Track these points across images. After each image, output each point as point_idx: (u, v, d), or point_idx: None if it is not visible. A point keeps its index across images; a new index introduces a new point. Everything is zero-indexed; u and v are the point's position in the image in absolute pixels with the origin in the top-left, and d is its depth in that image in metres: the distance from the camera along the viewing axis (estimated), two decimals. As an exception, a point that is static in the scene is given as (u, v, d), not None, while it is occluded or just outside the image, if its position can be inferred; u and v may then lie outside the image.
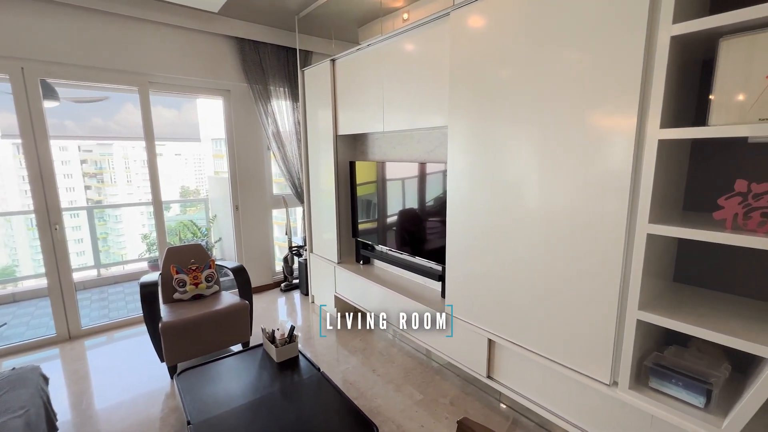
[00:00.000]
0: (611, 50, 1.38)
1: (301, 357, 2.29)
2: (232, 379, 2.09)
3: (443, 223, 2.30)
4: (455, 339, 2.22)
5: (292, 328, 2.31)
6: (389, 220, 2.88)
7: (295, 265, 4.28)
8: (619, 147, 1.39)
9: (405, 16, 3.14)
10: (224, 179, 5.72)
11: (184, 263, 2.95)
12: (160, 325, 2.46)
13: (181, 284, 2.86)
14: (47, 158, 2.88)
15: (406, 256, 2.84)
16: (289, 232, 4.18)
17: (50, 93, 3.23)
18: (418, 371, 2.57)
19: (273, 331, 2.33)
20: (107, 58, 2.99)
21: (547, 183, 1.64)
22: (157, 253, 4.81)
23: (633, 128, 1.35)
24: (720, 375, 1.36)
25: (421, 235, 2.62)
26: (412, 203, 2.65)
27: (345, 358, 2.77)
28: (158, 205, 3.43)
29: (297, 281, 4.26)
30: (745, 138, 1.24)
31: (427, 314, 2.39)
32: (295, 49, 3.83)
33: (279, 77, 3.80)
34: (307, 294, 3.98)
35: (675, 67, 1.30)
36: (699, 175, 1.56)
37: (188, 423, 1.73)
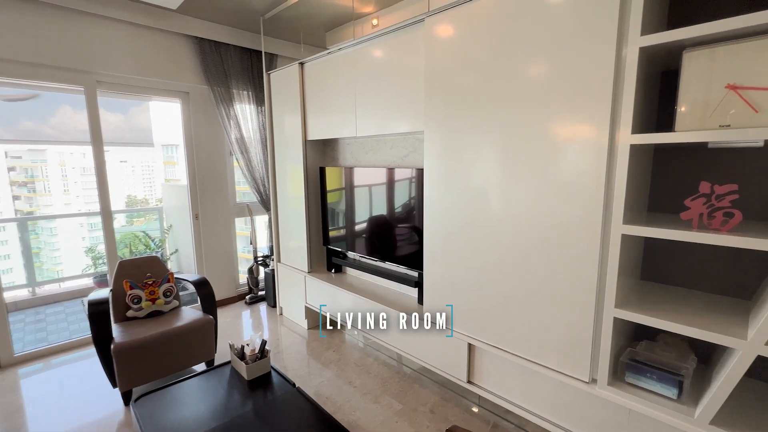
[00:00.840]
0: (584, 61, 1.44)
1: (273, 373, 2.16)
2: (199, 401, 1.92)
3: (418, 229, 2.29)
4: (435, 345, 2.20)
5: (264, 343, 2.18)
6: (362, 226, 2.83)
7: (261, 276, 4.10)
8: (593, 152, 1.45)
9: (374, 22, 3.14)
10: (181, 187, 5.40)
11: (139, 277, 2.71)
12: (112, 346, 2.22)
13: (135, 300, 2.62)
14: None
15: (380, 263, 2.80)
16: (254, 242, 4.00)
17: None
18: (395, 380, 2.52)
19: (242, 347, 2.18)
20: (49, 54, 2.71)
21: (523, 188, 1.67)
22: (105, 268, 4.42)
23: (606, 134, 1.41)
24: (689, 367, 1.44)
25: (395, 242, 2.59)
26: (386, 209, 2.62)
27: (318, 372, 2.66)
28: (107, 216, 3.14)
29: (263, 293, 4.07)
30: (706, 143, 1.33)
31: (405, 320, 2.35)
32: (260, 51, 3.71)
33: (242, 80, 3.65)
34: (274, 306, 3.81)
35: (641, 76, 1.38)
36: (661, 179, 1.66)
37: (150, 455, 1.56)
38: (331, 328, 3.36)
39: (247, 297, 3.99)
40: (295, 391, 1.98)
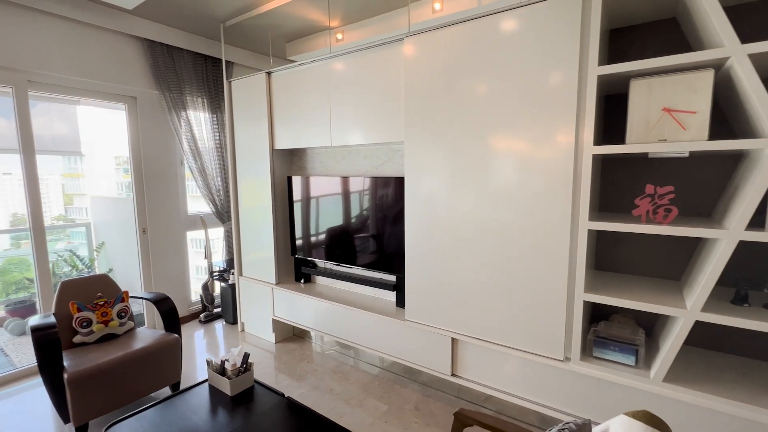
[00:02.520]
0: (553, 84, 1.70)
1: (257, 386, 2.09)
2: (179, 425, 1.79)
3: (397, 234, 2.41)
4: (419, 344, 2.31)
5: (246, 356, 2.11)
6: (334, 234, 2.86)
7: (216, 292, 3.87)
8: (562, 161, 1.70)
9: (339, 36, 3.24)
10: (114, 200, 4.90)
11: (87, 299, 2.44)
12: (66, 376, 1.98)
13: (84, 324, 2.35)
14: None
15: (355, 270, 2.85)
16: (209, 256, 3.78)
17: None
18: (376, 384, 2.57)
19: (222, 362, 2.08)
20: (-31, 47, 2.37)
21: (501, 194, 1.89)
22: (19, 295, 3.85)
23: (572, 146, 1.67)
24: (640, 338, 1.74)
25: (372, 248, 2.67)
26: (360, 217, 2.70)
27: (296, 384, 2.61)
28: (39, 232, 2.77)
29: (218, 310, 3.84)
30: (647, 153, 1.65)
31: (386, 324, 2.44)
32: (215, 57, 3.60)
33: (196, 86, 3.50)
34: (233, 323, 3.63)
35: (597, 98, 1.67)
36: (608, 184, 1.99)
37: (142, 484, 1.44)
38: (300, 340, 3.30)
39: (202, 315, 3.74)
40: (286, 401, 1.94)
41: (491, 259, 1.95)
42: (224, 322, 3.72)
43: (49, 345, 2.00)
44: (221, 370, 2.07)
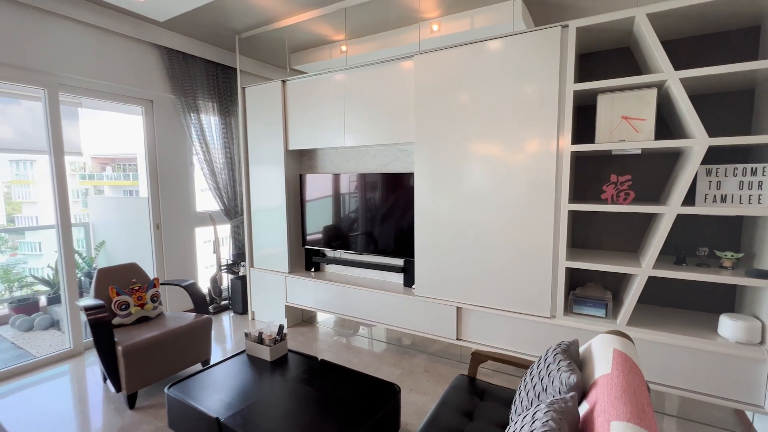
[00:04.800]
0: (539, 93, 2.15)
1: (291, 354, 2.40)
2: (233, 381, 2.07)
3: (403, 223, 2.79)
4: (428, 315, 2.68)
5: (281, 327, 2.41)
6: (345, 225, 3.20)
7: (224, 285, 4.09)
8: (547, 156, 2.15)
9: (343, 48, 3.61)
10: (116, 199, 5.00)
11: (124, 284, 2.65)
12: (120, 348, 2.20)
13: (123, 307, 2.56)
14: None
15: (363, 257, 3.20)
16: (217, 251, 4.00)
17: None
18: (387, 355, 2.93)
19: (260, 333, 2.38)
20: (10, 53, 2.55)
21: (497, 184, 2.32)
22: (20, 293, 3.91)
23: (555, 144, 2.13)
24: (608, 297, 2.21)
25: (380, 236, 3.03)
26: (370, 208, 3.05)
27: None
28: (66, 228, 2.94)
29: (226, 302, 4.06)
30: (610, 151, 2.13)
31: (396, 300, 2.80)
32: (223, 65, 3.87)
33: (207, 92, 3.75)
34: (242, 313, 3.86)
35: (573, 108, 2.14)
36: (578, 176, 2.47)
37: (218, 420, 1.72)
38: (310, 324, 3.60)
39: (210, 307, 3.94)
40: (320, 362, 2.26)
41: (489, 239, 2.38)
42: (233, 313, 3.94)
43: (102, 322, 2.22)
44: (259, 340, 2.36)
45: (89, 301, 2.34)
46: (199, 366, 2.72)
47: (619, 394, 1.07)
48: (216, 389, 1.99)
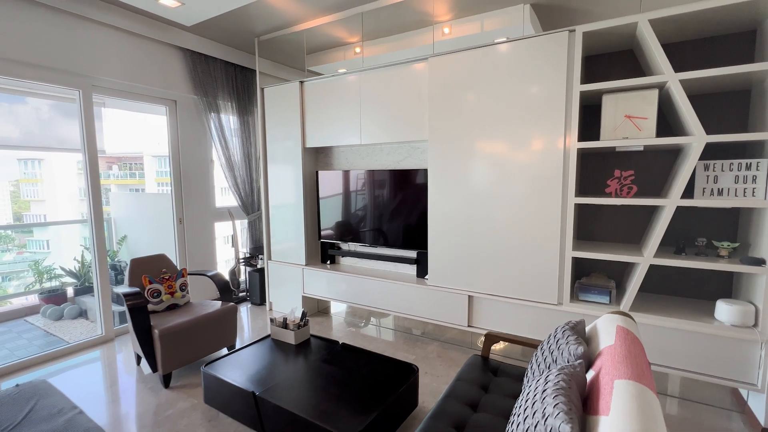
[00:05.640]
0: (548, 94, 2.29)
1: (313, 338, 2.56)
2: (262, 362, 2.24)
3: (417, 217, 2.94)
4: (440, 304, 2.84)
5: (304, 313, 2.57)
6: (359, 220, 3.36)
7: (242, 278, 4.26)
8: (556, 153, 2.30)
9: (357, 50, 3.76)
10: (137, 195, 5.20)
11: (155, 273, 2.82)
12: (156, 332, 2.38)
13: (155, 294, 2.73)
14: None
15: (378, 249, 3.36)
16: (235, 244, 4.17)
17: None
18: (401, 342, 3.08)
19: (284, 319, 2.54)
20: (47, 56, 2.72)
21: (507, 178, 2.46)
22: (49, 284, 4.10)
23: (562, 142, 2.27)
24: (612, 285, 2.35)
25: (394, 230, 3.18)
26: (384, 203, 3.21)
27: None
28: (99, 223, 3.12)
29: (243, 294, 4.23)
30: (614, 148, 2.27)
31: (413, 289, 2.96)
32: (242, 66, 4.03)
33: (227, 92, 3.92)
34: (260, 304, 4.03)
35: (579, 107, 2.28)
36: (584, 171, 2.61)
37: (253, 394, 1.89)
38: (325, 315, 3.76)
39: (229, 298, 4.11)
40: (341, 346, 2.42)
41: (500, 230, 2.53)
42: (250, 304, 4.11)
43: (140, 307, 2.40)
44: (284, 325, 2.53)
45: (127, 288, 2.51)
46: (224, 350, 2.89)
47: (621, 360, 1.22)
48: (247, 369, 2.15)
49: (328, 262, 3.63)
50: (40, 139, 4.54)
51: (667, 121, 2.38)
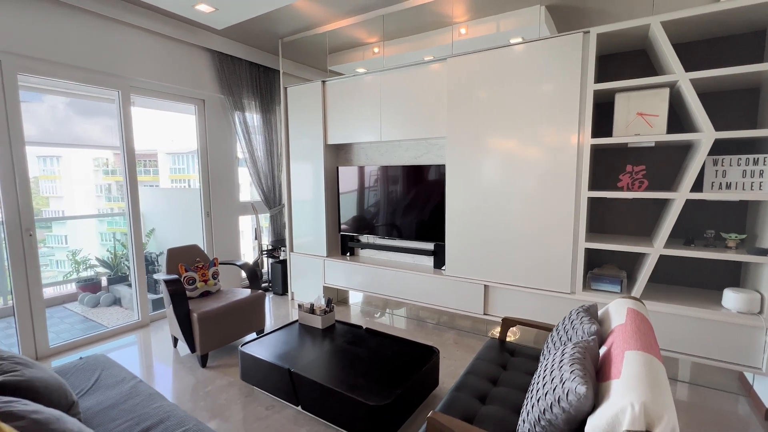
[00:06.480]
0: (562, 92, 2.41)
1: (338, 324, 2.73)
2: (292, 344, 2.41)
3: (434, 210, 3.09)
4: (457, 293, 2.98)
5: (330, 300, 2.74)
6: (378, 213, 3.51)
7: (264, 269, 4.45)
8: (569, 149, 2.42)
9: (375, 50, 3.90)
10: (164, 190, 5.43)
11: (189, 262, 3.02)
12: (195, 315, 2.57)
13: (190, 282, 2.93)
14: (22, 157, 2.65)
15: (396, 242, 3.51)
16: (258, 237, 4.36)
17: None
18: (418, 330, 3.24)
19: (311, 305, 2.71)
20: (90, 59, 2.91)
21: (522, 173, 2.59)
22: (85, 273, 4.34)
23: (576, 136, 2.39)
24: (623, 275, 2.47)
25: (413, 223, 3.33)
26: (403, 197, 3.35)
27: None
28: (136, 216, 3.34)
29: (266, 284, 4.43)
30: (626, 144, 2.38)
31: (429, 279, 3.11)
32: (265, 66, 4.20)
33: (251, 91, 4.09)
34: (282, 293, 4.22)
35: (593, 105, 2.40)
36: (597, 166, 2.73)
37: (289, 371, 2.06)
38: (344, 305, 3.94)
39: (252, 288, 4.31)
40: (365, 330, 2.59)
41: (515, 223, 2.66)
42: (272, 294, 4.31)
43: (180, 293, 2.59)
44: (311, 311, 2.70)
45: (168, 276, 2.71)
46: (253, 335, 3.08)
47: (631, 335, 1.36)
48: (279, 349, 2.33)
49: (348, 254, 3.79)
50: (56, 137, 4.74)
51: (678, 118, 2.48)
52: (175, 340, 2.94)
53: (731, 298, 2.14)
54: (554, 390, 1.21)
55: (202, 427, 1.42)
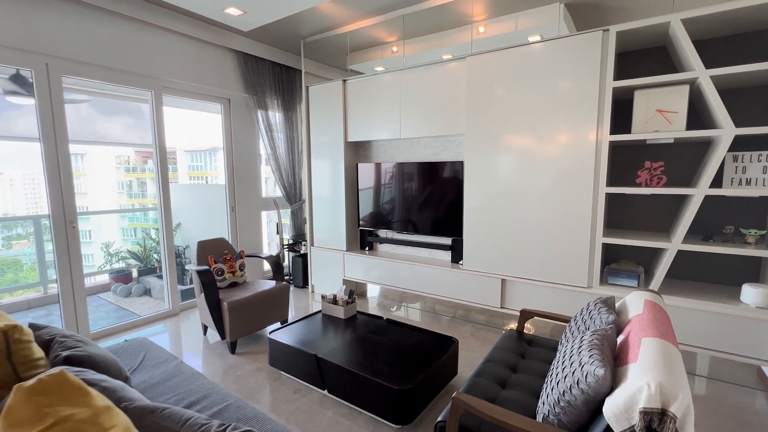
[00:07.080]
0: (581, 90, 2.46)
1: (359, 314, 2.84)
2: (317, 332, 2.53)
3: (452, 206, 3.16)
4: (474, 287, 3.06)
5: (351, 291, 2.85)
6: (397, 209, 3.61)
7: (285, 262, 4.60)
8: (588, 145, 2.46)
9: (394, 48, 3.98)
10: (189, 186, 5.63)
11: (219, 254, 3.17)
12: (225, 304, 2.71)
13: (219, 273, 3.08)
14: (66, 155, 2.83)
15: (414, 237, 3.60)
16: (280, 231, 4.51)
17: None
18: (436, 323, 3.33)
19: (334, 296, 2.83)
20: (125, 61, 3.08)
21: (541, 169, 2.64)
22: (117, 265, 4.56)
23: (594, 134, 2.43)
24: (640, 270, 2.51)
25: (430, 218, 3.41)
26: (421, 193, 3.44)
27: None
28: (168, 212, 3.51)
29: (287, 277, 4.58)
30: (645, 140, 2.41)
31: (446, 274, 3.19)
32: (287, 66, 4.33)
33: (274, 90, 4.23)
34: (302, 287, 4.36)
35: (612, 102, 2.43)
36: (614, 162, 2.76)
37: (315, 356, 2.18)
38: (363, 298, 4.05)
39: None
40: (386, 320, 2.69)
41: (532, 218, 2.71)
42: (293, 287, 4.45)
43: (212, 282, 2.74)
44: (334, 302, 2.81)
45: (200, 267, 2.86)
46: (278, 324, 3.22)
47: (648, 323, 1.42)
48: (305, 337, 2.45)
49: (367, 249, 3.90)
50: (81, 135, 4.96)
51: (697, 114, 2.49)
52: (205, 328, 3.10)
53: (750, 293, 2.16)
54: (573, 373, 1.29)
55: (242, 403, 1.55)
